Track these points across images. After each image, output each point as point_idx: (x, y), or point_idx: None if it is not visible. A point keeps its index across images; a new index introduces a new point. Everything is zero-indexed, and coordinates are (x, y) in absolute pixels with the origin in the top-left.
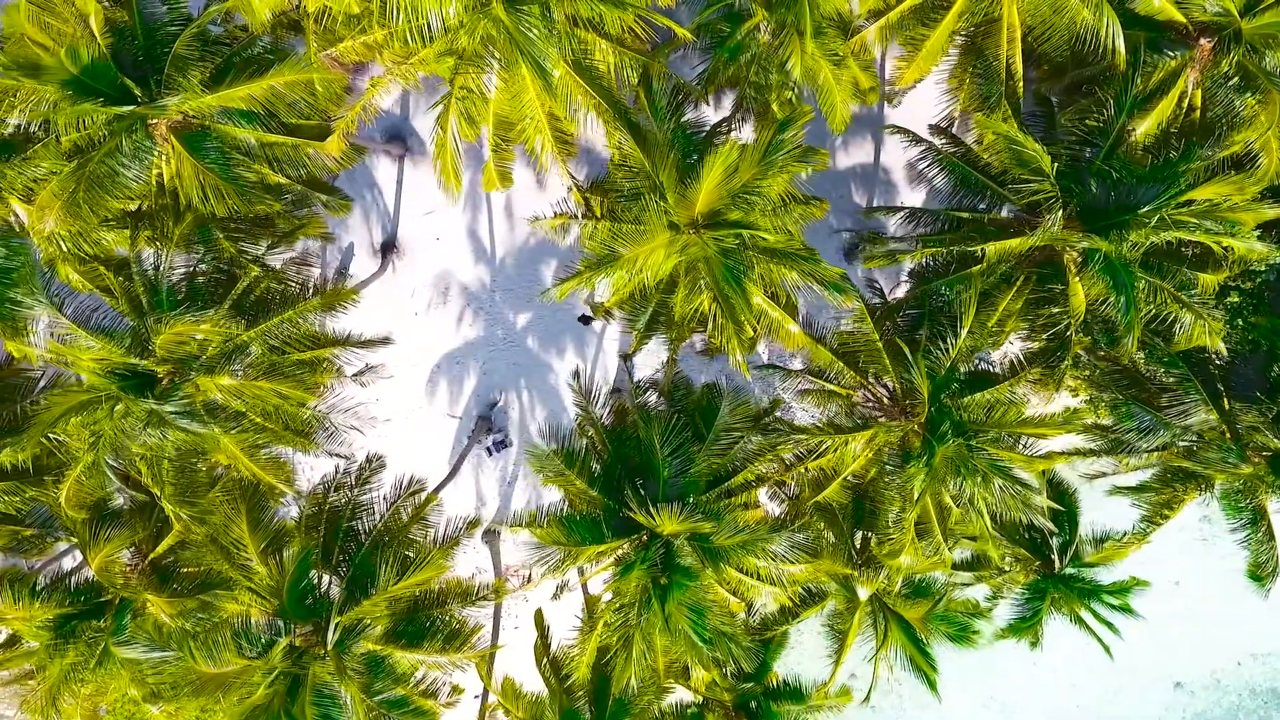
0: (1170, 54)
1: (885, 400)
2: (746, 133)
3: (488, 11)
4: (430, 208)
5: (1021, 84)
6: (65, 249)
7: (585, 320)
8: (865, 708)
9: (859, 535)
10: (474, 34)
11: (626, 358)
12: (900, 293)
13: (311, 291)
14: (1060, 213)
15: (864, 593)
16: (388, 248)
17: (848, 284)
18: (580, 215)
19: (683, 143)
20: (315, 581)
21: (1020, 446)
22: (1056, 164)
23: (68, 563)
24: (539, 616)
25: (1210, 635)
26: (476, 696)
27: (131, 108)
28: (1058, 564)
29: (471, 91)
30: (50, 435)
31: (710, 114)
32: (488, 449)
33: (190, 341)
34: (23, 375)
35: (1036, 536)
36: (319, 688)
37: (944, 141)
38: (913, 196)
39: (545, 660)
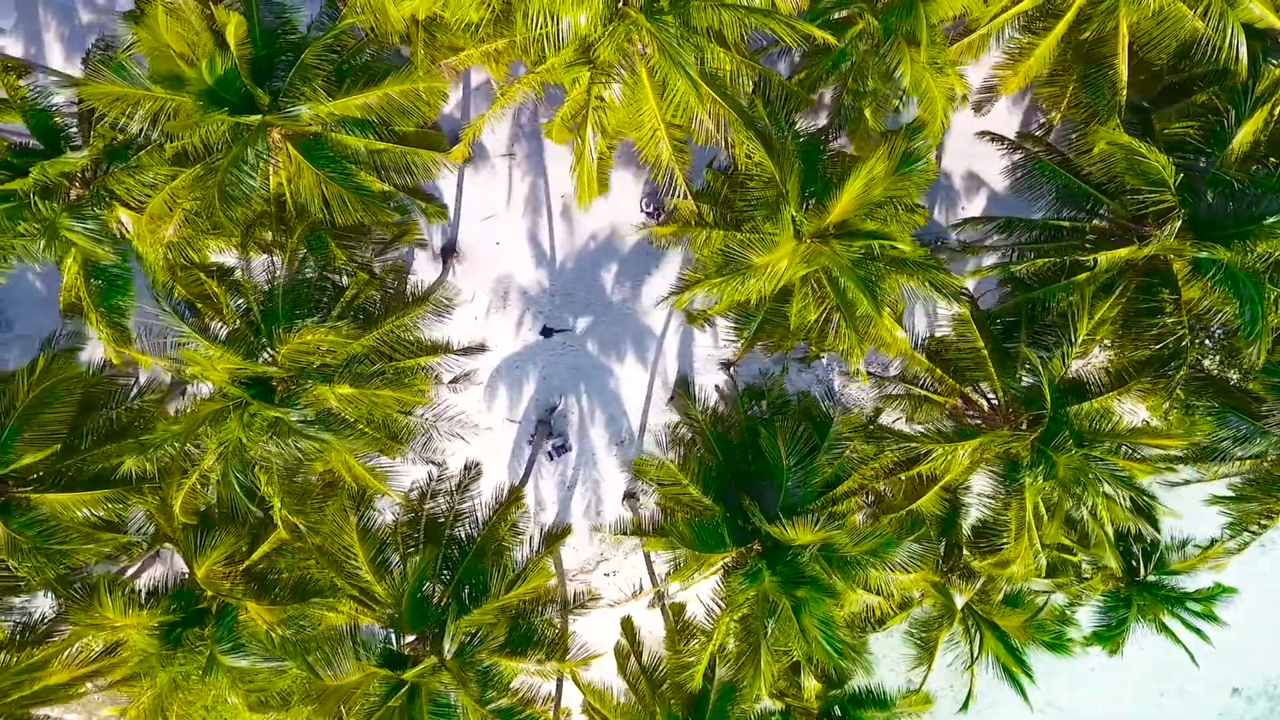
0: (1274, 62)
1: (985, 408)
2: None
3: (636, 22)
4: (490, 212)
5: (1125, 92)
6: (171, 257)
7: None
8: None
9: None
10: (616, 42)
11: (728, 365)
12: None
13: (412, 298)
14: (1179, 223)
15: (960, 600)
16: (448, 252)
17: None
18: (693, 223)
19: (800, 151)
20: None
21: (1123, 455)
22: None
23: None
24: (628, 624)
25: (1269, 642)
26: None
27: (260, 117)
28: (1142, 571)
29: (604, 101)
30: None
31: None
32: (548, 454)
33: (313, 350)
34: (114, 383)
35: (1118, 544)
36: (434, 697)
37: (1041, 149)
38: (973, 203)
39: (635, 665)
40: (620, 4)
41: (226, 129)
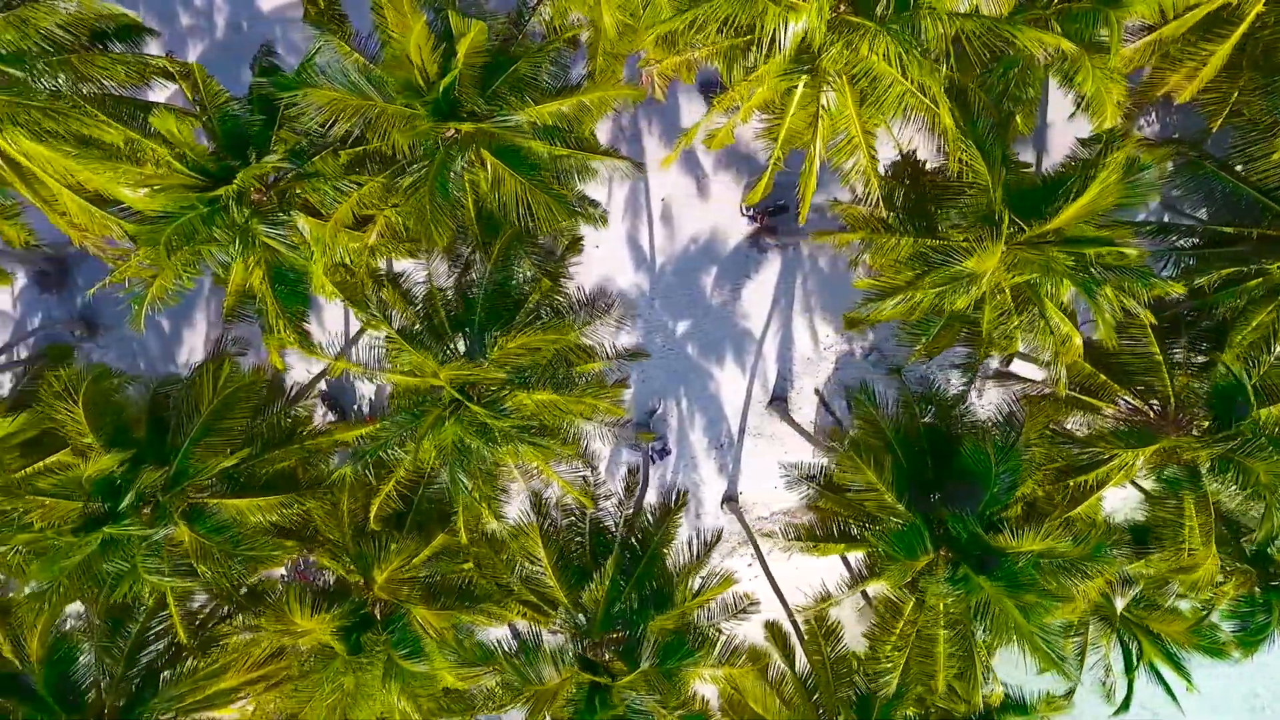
0: None
1: (1151, 414)
2: None
3: (873, 33)
4: None
5: None
6: (367, 262)
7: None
8: None
9: None
10: (848, 50)
11: (897, 371)
12: None
13: (589, 304)
14: None
15: (1120, 604)
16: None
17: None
18: (882, 228)
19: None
20: None
21: None
22: None
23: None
24: (775, 628)
25: None
26: None
27: (473, 124)
28: None
29: (826, 109)
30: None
31: None
32: (650, 457)
33: (527, 352)
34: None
35: (1251, 547)
36: (629, 704)
37: (1196, 154)
38: None
39: (782, 668)
40: (835, 13)
41: (436, 136)
